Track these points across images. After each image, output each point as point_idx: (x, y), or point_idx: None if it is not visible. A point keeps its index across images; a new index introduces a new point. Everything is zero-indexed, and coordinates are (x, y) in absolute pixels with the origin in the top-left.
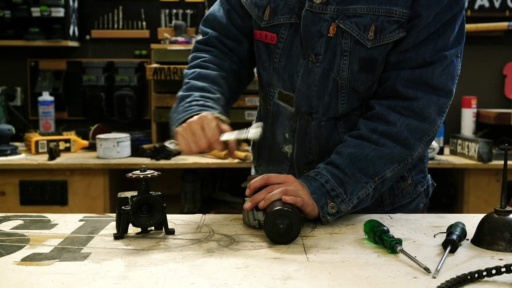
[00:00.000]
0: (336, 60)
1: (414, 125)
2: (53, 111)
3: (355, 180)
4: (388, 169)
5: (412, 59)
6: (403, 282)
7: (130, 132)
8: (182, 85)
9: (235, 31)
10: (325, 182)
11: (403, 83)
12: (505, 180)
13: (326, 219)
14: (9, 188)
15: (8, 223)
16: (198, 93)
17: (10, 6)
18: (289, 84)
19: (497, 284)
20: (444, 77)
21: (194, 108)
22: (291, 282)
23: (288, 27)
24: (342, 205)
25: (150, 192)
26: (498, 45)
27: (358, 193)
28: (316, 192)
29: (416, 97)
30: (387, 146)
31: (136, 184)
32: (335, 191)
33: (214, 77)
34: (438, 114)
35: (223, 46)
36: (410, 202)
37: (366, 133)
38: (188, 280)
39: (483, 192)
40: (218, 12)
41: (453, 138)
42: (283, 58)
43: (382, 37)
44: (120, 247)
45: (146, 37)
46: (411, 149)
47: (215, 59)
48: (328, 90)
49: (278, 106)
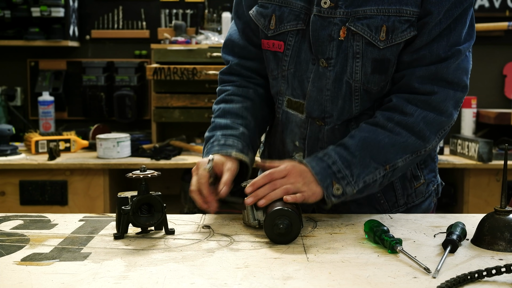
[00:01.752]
0: (348, 63)
1: (431, 118)
2: (53, 111)
3: (363, 164)
4: (401, 158)
5: (426, 57)
6: (403, 282)
7: (130, 132)
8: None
9: (253, 49)
10: (332, 164)
11: (419, 80)
12: (505, 180)
13: (330, 200)
14: (9, 188)
15: (8, 223)
16: (220, 132)
17: (10, 6)
18: (299, 91)
19: (497, 284)
20: (460, 72)
21: (215, 148)
22: (291, 282)
23: (295, 33)
24: (347, 188)
25: (150, 192)
26: (498, 45)
27: (365, 177)
28: (322, 173)
29: (434, 91)
30: (402, 135)
31: (136, 184)
32: (341, 173)
33: (238, 110)
34: (455, 108)
35: (246, 71)
36: (423, 202)
37: (382, 121)
38: (188, 280)
39: (483, 192)
40: (234, 35)
41: (453, 138)
42: (292, 65)
43: (394, 37)
44: (120, 247)
45: (146, 37)
46: (425, 142)
47: (238, 90)
48: (341, 94)
49: (287, 114)
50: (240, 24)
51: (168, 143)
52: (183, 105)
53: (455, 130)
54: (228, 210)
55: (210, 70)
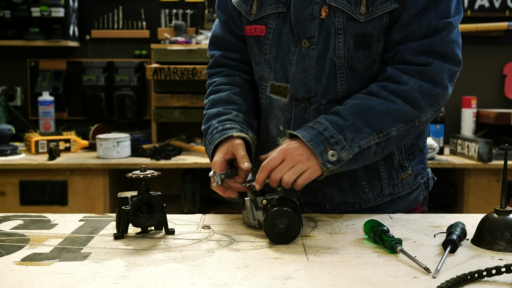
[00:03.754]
0: (331, 40)
1: (426, 88)
2: (53, 111)
3: (356, 128)
4: (394, 127)
5: (416, 31)
6: (403, 282)
7: (130, 132)
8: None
9: (235, 41)
10: (323, 130)
11: (413, 53)
12: (505, 180)
13: (326, 167)
14: (9, 188)
15: (8, 223)
16: (215, 120)
17: (10, 6)
18: (282, 74)
19: (497, 284)
20: (453, 45)
21: (215, 136)
22: (291, 282)
23: (276, 17)
24: (342, 153)
25: (150, 192)
26: (498, 45)
27: (360, 141)
28: (314, 140)
29: (429, 63)
30: (397, 103)
31: (136, 184)
32: (334, 138)
33: (227, 97)
34: (449, 81)
35: (230, 61)
36: (410, 193)
37: (376, 90)
38: (188, 280)
39: (483, 192)
40: (217, 30)
41: (453, 138)
42: (274, 49)
43: (374, 9)
44: (120, 247)
45: (146, 37)
46: (420, 111)
47: (224, 79)
48: (325, 72)
49: (270, 99)
50: (223, 17)
51: (168, 143)
52: (183, 105)
53: (455, 130)
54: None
55: None
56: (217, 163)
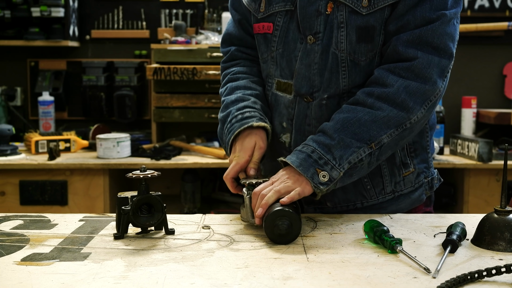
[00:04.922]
0: (334, 34)
1: (413, 87)
2: (53, 111)
3: (343, 144)
4: (385, 134)
5: (410, 22)
6: (403, 282)
7: (130, 132)
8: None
9: (250, 39)
10: (311, 152)
11: (403, 44)
12: (505, 180)
13: (319, 189)
14: (9, 188)
15: (8, 223)
16: (234, 107)
17: (10, 6)
18: (287, 71)
19: (497, 284)
20: (446, 37)
21: (234, 126)
22: (291, 282)
23: (284, 14)
24: (333, 172)
25: (150, 192)
26: (498, 45)
27: (349, 157)
28: (303, 164)
29: (416, 57)
30: (383, 109)
31: (136, 184)
32: (323, 159)
33: (245, 83)
34: (440, 77)
35: (247, 55)
36: (413, 192)
37: (362, 98)
38: (188, 280)
39: (483, 192)
40: (231, 28)
41: (453, 138)
42: (280, 46)
43: (376, 2)
44: (120, 247)
45: (146, 37)
46: (409, 113)
47: (243, 68)
48: (328, 65)
49: (276, 96)
50: (237, 15)
51: (168, 143)
52: (183, 105)
53: (455, 130)
54: (228, 210)
55: (210, 70)
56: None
